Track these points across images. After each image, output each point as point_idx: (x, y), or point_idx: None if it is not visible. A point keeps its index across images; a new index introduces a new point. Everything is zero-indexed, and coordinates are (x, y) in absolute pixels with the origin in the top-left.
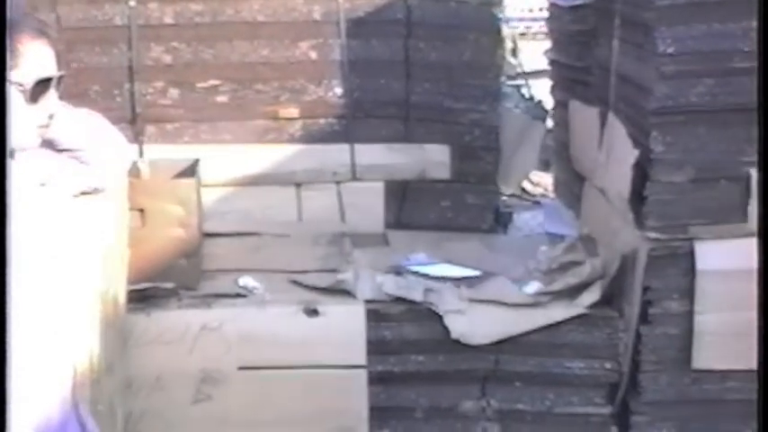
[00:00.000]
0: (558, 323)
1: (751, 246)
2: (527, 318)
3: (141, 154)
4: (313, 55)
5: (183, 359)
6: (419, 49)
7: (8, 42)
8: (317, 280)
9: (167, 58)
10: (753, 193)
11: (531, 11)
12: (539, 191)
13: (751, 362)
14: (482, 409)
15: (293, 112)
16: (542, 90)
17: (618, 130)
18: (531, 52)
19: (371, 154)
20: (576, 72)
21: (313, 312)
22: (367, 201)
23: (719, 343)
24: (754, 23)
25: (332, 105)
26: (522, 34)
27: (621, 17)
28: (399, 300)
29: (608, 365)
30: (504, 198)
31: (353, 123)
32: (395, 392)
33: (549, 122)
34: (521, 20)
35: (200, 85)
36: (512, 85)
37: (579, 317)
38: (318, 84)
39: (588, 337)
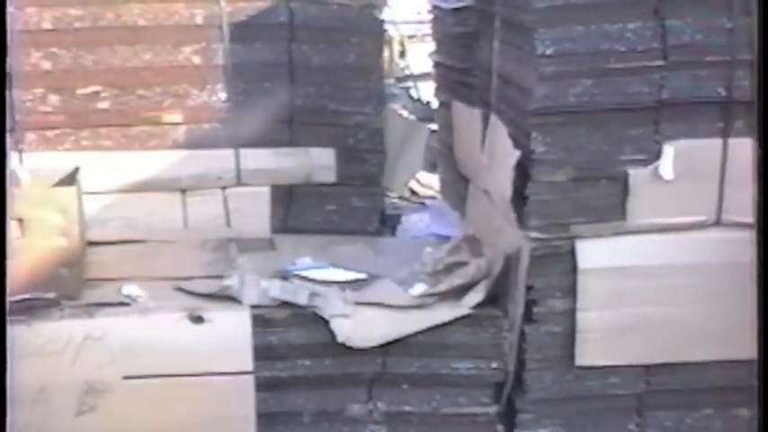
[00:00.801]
0: (444, 324)
1: (629, 243)
2: (413, 319)
3: (21, 162)
4: (196, 59)
5: (66, 370)
6: (303, 52)
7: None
8: (202, 287)
9: (46, 64)
10: (631, 191)
11: (419, 13)
12: (427, 192)
13: (632, 357)
14: (369, 412)
15: (176, 117)
16: (431, 92)
17: (499, 132)
18: (420, 54)
19: (256, 158)
20: (459, 74)
21: (198, 319)
22: (253, 206)
23: (602, 339)
24: (630, 25)
25: (216, 110)
26: (411, 36)
27: (502, 19)
28: (285, 304)
29: (494, 365)
30: (392, 200)
31: (238, 128)
32: (282, 398)
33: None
34: (410, 22)
35: (80, 91)
36: (401, 87)
37: (465, 317)
38: (202, 88)
39: (474, 337)
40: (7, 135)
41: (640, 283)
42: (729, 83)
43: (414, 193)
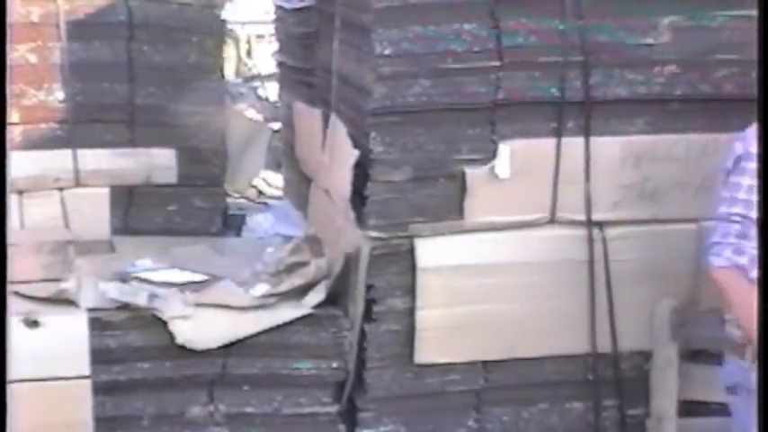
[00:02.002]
0: (285, 324)
1: (467, 242)
2: (253, 320)
3: None
4: (32, 58)
5: None
6: (142, 51)
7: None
8: (39, 290)
9: None
10: (468, 191)
11: (267, 13)
12: (274, 192)
13: (470, 354)
14: (210, 414)
15: (12, 117)
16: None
17: (339, 131)
18: (267, 54)
19: (95, 159)
20: (301, 74)
21: (33, 324)
22: (92, 207)
23: (440, 337)
24: (467, 26)
25: (53, 110)
26: (259, 36)
27: (341, 19)
28: (124, 307)
29: (334, 364)
30: (237, 200)
31: (76, 128)
32: (121, 402)
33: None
34: (257, 22)
35: None
36: (248, 87)
37: (305, 317)
38: (38, 88)
39: (314, 337)
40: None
41: (478, 280)
42: (562, 83)
43: (261, 193)
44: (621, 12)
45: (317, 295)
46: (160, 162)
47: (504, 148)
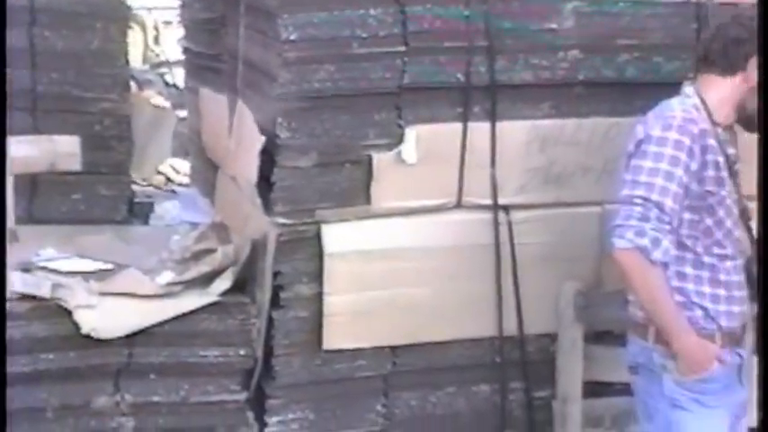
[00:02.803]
0: (191, 312)
1: (374, 227)
2: (159, 309)
3: None
4: None
5: None
6: (45, 37)
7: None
8: None
9: None
10: (374, 176)
11: None
12: (183, 179)
13: (378, 339)
14: (116, 404)
15: None
16: None
17: (246, 117)
18: (176, 40)
19: None
20: (207, 59)
21: None
22: None
23: (348, 323)
24: (372, 11)
25: None
26: (167, 22)
27: (246, 4)
28: (27, 297)
29: (242, 352)
30: (144, 188)
31: None
32: (24, 393)
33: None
34: (164, 8)
35: None
36: (156, 73)
37: (212, 305)
38: None
39: (222, 324)
40: None
41: (385, 265)
42: (468, 68)
43: (169, 180)
44: None
45: (223, 282)
46: (64, 149)
47: (411, 133)
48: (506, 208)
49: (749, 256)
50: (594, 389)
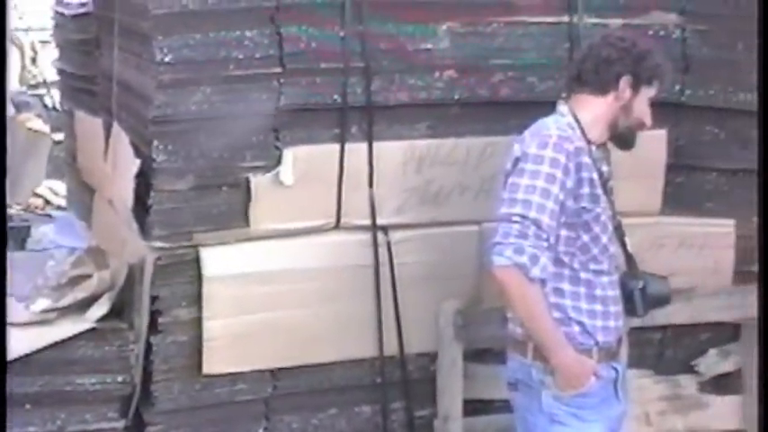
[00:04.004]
0: (67, 339)
1: (253, 249)
2: (34, 337)
3: None
4: None
5: None
6: None
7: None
8: None
9: None
10: (253, 198)
11: (52, 19)
12: (61, 202)
13: (259, 362)
14: None
15: None
16: None
17: (121, 140)
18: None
19: None
20: (82, 81)
21: None
22: None
23: (227, 347)
24: (248, 32)
25: None
26: (45, 42)
27: (121, 26)
28: None
29: (120, 378)
30: (21, 212)
31: None
32: None
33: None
34: (42, 29)
35: None
36: (34, 95)
37: (89, 331)
38: None
39: (99, 351)
40: None
41: (265, 288)
42: (344, 89)
43: (48, 202)
44: (401, 18)
45: (100, 308)
46: None
47: (288, 155)
48: (385, 228)
49: (624, 271)
50: (475, 407)
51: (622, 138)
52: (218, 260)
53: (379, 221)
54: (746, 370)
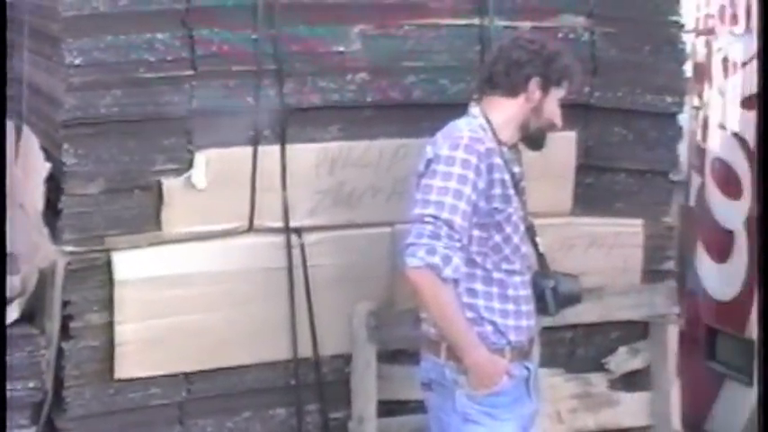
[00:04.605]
0: None
1: (165, 253)
2: None
3: None
4: None
5: None
6: None
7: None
8: None
9: None
10: (165, 201)
11: None
12: None
13: (172, 366)
14: None
15: None
16: None
17: (32, 144)
18: None
19: None
20: None
21: None
22: None
23: (140, 351)
24: (159, 35)
25: None
26: None
27: (30, 28)
28: None
29: (31, 384)
30: None
31: None
32: None
33: None
34: None
35: None
36: None
37: None
38: None
39: (9, 357)
40: None
41: (177, 292)
42: (257, 92)
43: None
44: (313, 21)
45: (10, 314)
46: None
47: (200, 158)
48: (298, 230)
49: (535, 270)
50: (390, 407)
51: (533, 139)
52: (130, 264)
53: (293, 224)
54: (655, 367)
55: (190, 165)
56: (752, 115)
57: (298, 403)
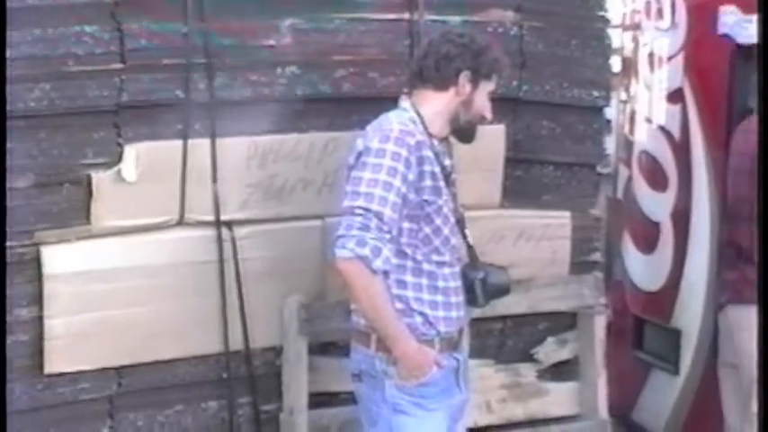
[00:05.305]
0: None
1: (95, 247)
2: None
3: None
4: None
5: None
6: None
7: None
8: None
9: None
10: (94, 195)
11: None
12: None
13: (101, 361)
14: None
15: None
16: None
17: None
18: None
19: None
20: None
21: None
22: None
23: (70, 346)
24: (88, 28)
25: None
26: None
27: None
28: None
29: None
30: None
31: None
32: None
33: None
34: None
35: None
36: None
37: None
38: None
39: None
40: None
41: (107, 286)
42: (187, 86)
43: None
44: (243, 15)
45: None
46: None
47: (130, 152)
48: (229, 224)
49: (465, 262)
50: (321, 399)
51: (463, 131)
52: (59, 258)
53: (223, 217)
54: (582, 357)
55: (119, 158)
56: (677, 109)
57: (229, 396)
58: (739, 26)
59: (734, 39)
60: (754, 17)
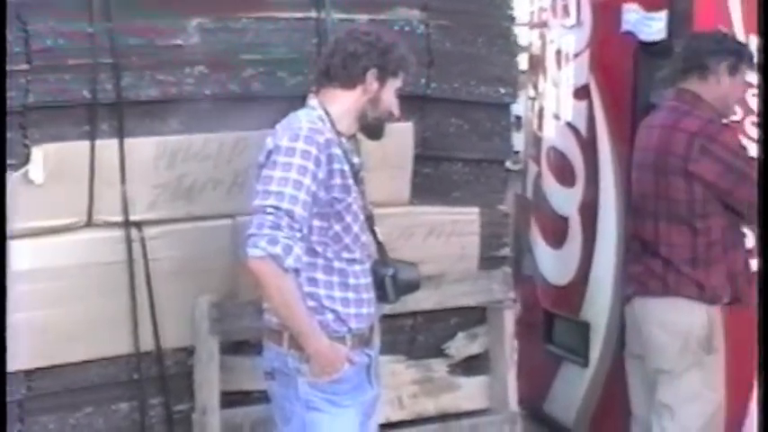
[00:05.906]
0: None
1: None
2: None
3: None
4: None
5: None
6: None
7: None
8: None
9: None
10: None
11: None
12: None
13: (10, 364)
14: None
15: None
16: None
17: None
18: None
19: None
20: None
21: None
22: None
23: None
24: None
25: None
26: None
27: None
28: None
29: None
30: None
31: None
32: None
33: None
34: None
35: None
36: None
37: None
38: None
39: None
40: None
41: (17, 288)
42: (93, 86)
43: None
44: (150, 14)
45: None
46: None
47: (37, 153)
48: (138, 224)
49: (375, 259)
50: (234, 398)
51: (371, 129)
52: None
53: (132, 218)
54: (492, 351)
55: (27, 160)
56: (583, 105)
57: (141, 397)
58: (642, 23)
59: (637, 36)
60: (657, 14)
